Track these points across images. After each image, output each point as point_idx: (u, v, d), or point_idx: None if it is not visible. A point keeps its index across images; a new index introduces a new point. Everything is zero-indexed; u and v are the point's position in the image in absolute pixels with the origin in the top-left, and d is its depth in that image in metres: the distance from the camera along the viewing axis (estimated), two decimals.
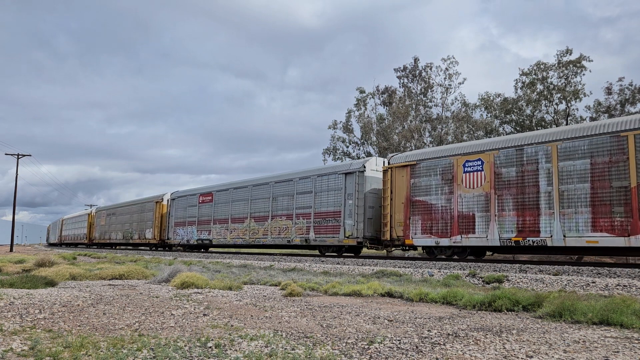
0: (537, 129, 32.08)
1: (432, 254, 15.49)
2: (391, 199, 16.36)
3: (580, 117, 32.07)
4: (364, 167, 18.03)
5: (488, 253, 16.25)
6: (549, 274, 10.43)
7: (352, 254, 19.13)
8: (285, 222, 20.74)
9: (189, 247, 28.95)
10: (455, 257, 14.81)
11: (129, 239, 36.81)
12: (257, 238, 22.19)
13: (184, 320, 5.67)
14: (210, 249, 30.29)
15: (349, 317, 6.00)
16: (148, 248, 35.30)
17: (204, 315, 6.10)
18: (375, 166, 18.33)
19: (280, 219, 21.10)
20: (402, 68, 39.36)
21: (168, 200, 31.12)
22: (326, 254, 19.12)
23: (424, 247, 15.89)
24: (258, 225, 22.36)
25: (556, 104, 32.91)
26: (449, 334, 4.97)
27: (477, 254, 15.16)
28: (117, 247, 42.21)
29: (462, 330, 5.22)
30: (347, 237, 17.73)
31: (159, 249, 33.05)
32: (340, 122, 41.80)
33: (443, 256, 15.16)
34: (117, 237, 39.62)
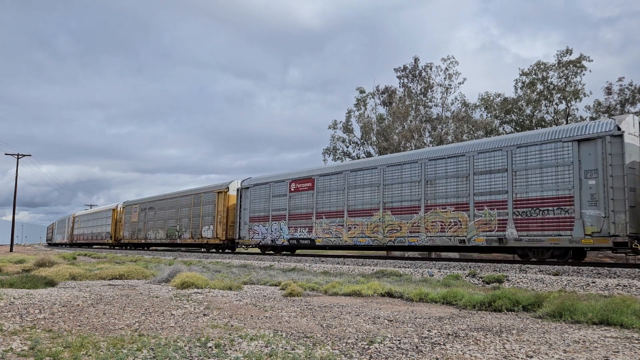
0: (537, 129, 32.12)
1: None
2: None
3: (581, 117, 32.08)
4: (619, 129, 11.92)
5: None
6: (549, 274, 10.43)
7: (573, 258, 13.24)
8: (454, 214, 14.92)
9: (272, 249, 22.33)
10: None
11: (176, 239, 29.79)
12: (400, 237, 16.29)
13: (184, 320, 5.67)
14: (300, 252, 23.64)
15: (349, 317, 6.00)
16: (204, 250, 28.40)
17: (204, 315, 6.10)
18: (632, 128, 12.32)
19: (442, 209, 15.24)
20: (402, 68, 39.36)
21: (238, 190, 24.42)
22: (533, 259, 13.42)
23: None
24: (399, 219, 16.39)
25: (556, 104, 32.92)
26: (449, 334, 4.97)
27: None
28: (154, 249, 35.30)
29: (462, 330, 5.22)
30: (591, 235, 12.01)
31: (221, 250, 26.92)
32: (340, 122, 41.80)
33: None
34: (158, 237, 32.18)
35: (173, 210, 30.88)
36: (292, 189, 20.91)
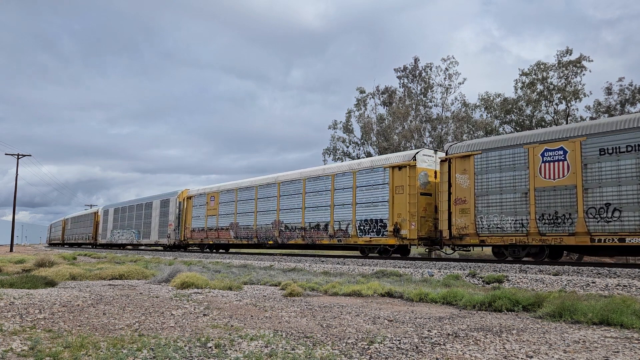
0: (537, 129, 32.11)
1: None
2: None
3: (580, 117, 32.08)
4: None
5: None
6: (549, 274, 10.42)
7: None
8: None
9: None
10: None
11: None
12: None
13: (184, 320, 5.67)
14: None
15: (349, 317, 6.00)
16: None
17: (204, 315, 6.10)
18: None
19: None
20: (402, 68, 39.34)
21: None
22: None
23: None
24: None
25: (556, 104, 32.90)
26: (449, 334, 4.97)
27: None
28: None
29: (462, 330, 5.22)
30: None
31: None
32: (341, 122, 41.79)
33: None
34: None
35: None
36: None
